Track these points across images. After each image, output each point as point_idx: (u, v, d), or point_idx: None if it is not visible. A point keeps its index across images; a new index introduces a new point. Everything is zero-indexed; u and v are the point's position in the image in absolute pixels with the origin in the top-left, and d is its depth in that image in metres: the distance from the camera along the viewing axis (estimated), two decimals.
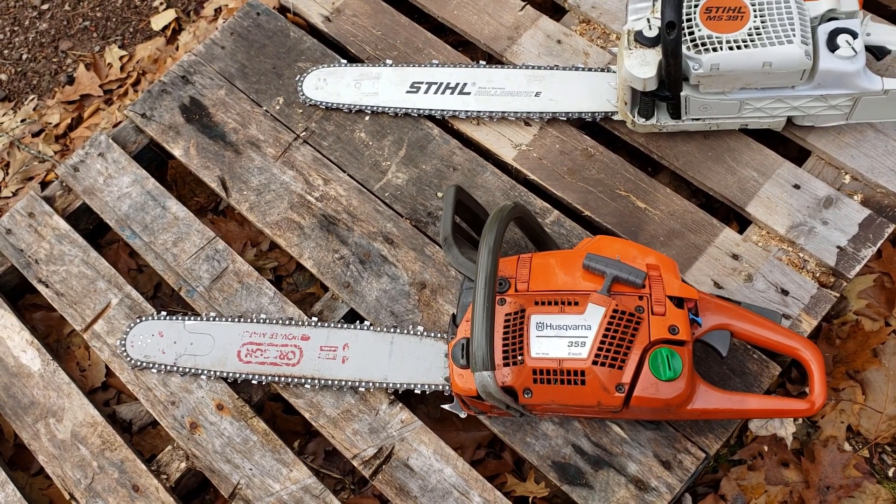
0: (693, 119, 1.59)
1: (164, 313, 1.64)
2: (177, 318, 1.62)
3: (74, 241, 1.76)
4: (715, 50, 1.43)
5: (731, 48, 1.42)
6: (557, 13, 1.92)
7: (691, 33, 1.44)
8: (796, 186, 1.59)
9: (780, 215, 1.57)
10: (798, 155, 1.67)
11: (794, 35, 1.41)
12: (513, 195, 1.68)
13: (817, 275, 1.52)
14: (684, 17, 1.45)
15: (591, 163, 1.68)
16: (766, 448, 1.52)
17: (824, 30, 1.45)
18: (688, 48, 1.44)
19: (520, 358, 1.26)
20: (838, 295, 1.49)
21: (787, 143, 1.68)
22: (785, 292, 1.51)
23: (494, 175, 1.71)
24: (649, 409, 1.27)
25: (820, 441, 1.53)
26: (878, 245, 1.52)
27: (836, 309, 1.63)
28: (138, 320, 1.63)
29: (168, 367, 1.59)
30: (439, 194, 1.70)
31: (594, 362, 1.23)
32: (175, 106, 1.88)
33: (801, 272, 1.52)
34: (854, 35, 1.44)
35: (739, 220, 1.68)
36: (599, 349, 1.23)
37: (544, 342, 1.25)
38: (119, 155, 1.84)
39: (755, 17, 1.43)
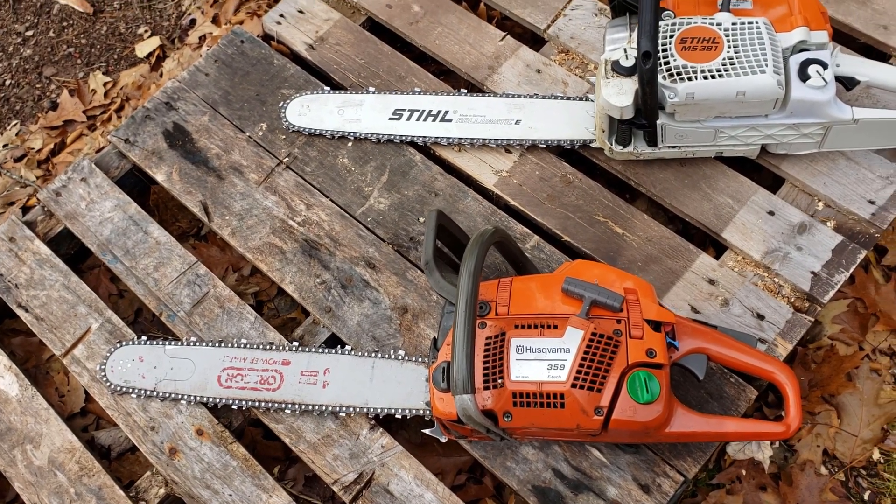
0: (669, 147, 1.62)
1: (144, 338, 1.63)
2: (157, 343, 1.62)
3: (55, 266, 1.76)
4: (690, 79, 1.46)
5: (705, 78, 1.46)
6: (537, 43, 1.96)
7: (667, 63, 1.48)
8: (771, 213, 1.63)
9: (755, 241, 1.60)
10: (773, 182, 1.71)
11: (766, 65, 1.44)
12: (493, 221, 1.70)
13: (792, 300, 1.55)
14: (660, 48, 1.49)
15: (570, 189, 1.71)
16: (744, 472, 1.53)
17: (796, 60, 1.49)
18: (663, 77, 1.47)
19: (500, 381, 1.27)
20: (813, 320, 1.52)
21: (761, 170, 1.72)
22: (761, 317, 1.53)
23: (475, 201, 1.73)
24: (628, 432, 1.28)
25: (797, 465, 1.54)
26: (851, 270, 1.55)
27: (811, 333, 1.66)
28: (118, 345, 1.63)
29: (148, 392, 1.58)
30: (421, 219, 1.72)
31: (573, 385, 1.24)
32: (158, 132, 1.89)
33: (776, 297, 1.55)
34: (824, 66, 1.48)
35: (716, 246, 1.70)
36: (578, 372, 1.24)
37: (524, 365, 1.27)
38: (101, 180, 1.85)
39: (729, 47, 1.47)
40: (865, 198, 1.61)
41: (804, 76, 1.48)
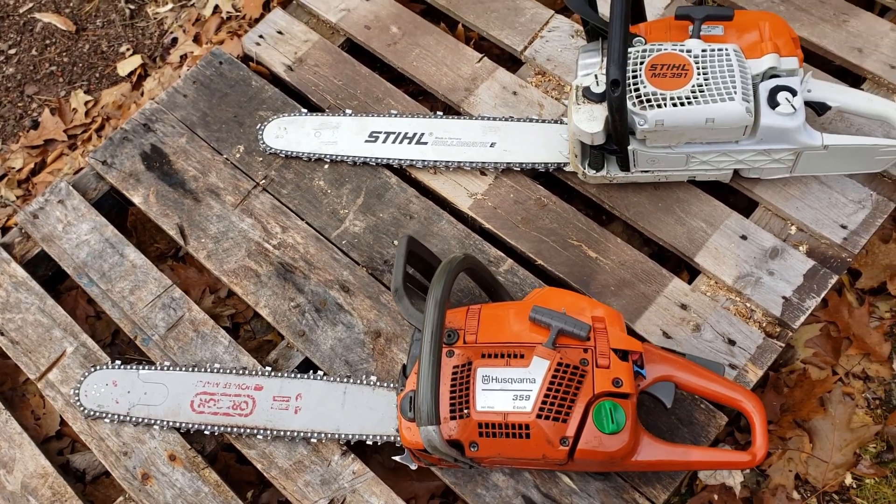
0: (642, 171, 1.63)
1: (118, 362, 1.63)
2: (131, 368, 1.62)
3: (31, 289, 1.76)
4: (659, 106, 1.47)
5: (674, 105, 1.46)
6: (515, 64, 1.96)
7: (637, 90, 1.48)
8: (743, 237, 1.63)
9: (727, 266, 1.60)
10: (748, 205, 1.71)
11: (735, 92, 1.45)
12: (468, 244, 1.70)
13: (763, 325, 1.55)
14: (630, 74, 1.49)
15: (544, 212, 1.71)
16: (715, 497, 1.53)
17: (765, 87, 1.49)
18: (633, 104, 1.48)
19: (466, 411, 1.27)
20: (783, 345, 1.52)
21: (737, 193, 1.72)
22: (732, 342, 1.53)
23: (450, 224, 1.73)
24: (593, 462, 1.28)
25: (769, 489, 1.54)
26: (822, 296, 1.55)
27: (784, 357, 1.66)
28: (93, 369, 1.63)
29: (121, 417, 1.58)
30: (395, 242, 1.72)
31: (538, 416, 1.24)
32: (136, 153, 1.90)
33: (747, 322, 1.55)
34: (793, 93, 1.48)
35: (690, 270, 1.70)
36: (544, 403, 1.25)
37: (489, 395, 1.27)
38: (79, 202, 1.85)
39: (698, 74, 1.47)
40: (838, 222, 1.62)
41: (773, 103, 1.48)
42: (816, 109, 1.56)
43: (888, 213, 1.62)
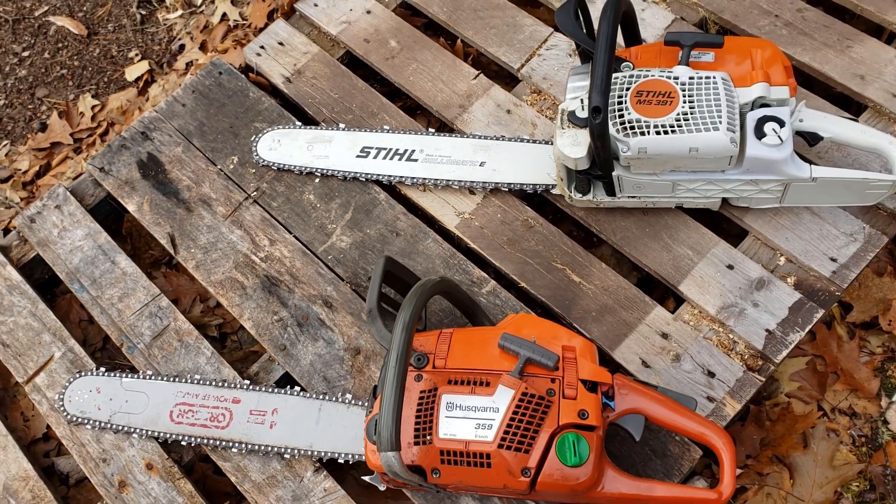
0: (629, 196, 1.61)
1: (102, 369, 1.66)
2: (114, 375, 1.64)
3: (24, 293, 1.79)
4: (643, 134, 1.45)
5: (658, 133, 1.44)
6: (511, 82, 1.95)
7: (621, 116, 1.46)
8: (730, 267, 1.60)
9: (712, 295, 1.58)
10: (740, 233, 1.68)
11: (720, 122, 1.42)
12: (452, 263, 1.69)
13: (745, 357, 1.52)
14: (616, 100, 1.47)
15: (530, 234, 1.70)
16: None
17: (753, 117, 1.47)
18: (617, 131, 1.46)
19: (428, 438, 1.26)
20: (763, 379, 1.49)
21: (730, 220, 1.69)
22: (711, 374, 1.51)
23: (436, 242, 1.72)
24: (555, 494, 1.27)
25: None
26: (807, 330, 1.52)
27: (768, 390, 1.63)
28: (78, 375, 1.66)
29: (102, 424, 1.61)
30: None
31: (500, 446, 1.23)
32: (133, 161, 1.92)
33: (729, 354, 1.53)
34: (781, 123, 1.45)
35: (677, 299, 1.68)
36: (506, 433, 1.24)
37: (452, 423, 1.26)
38: (75, 208, 1.88)
39: (684, 102, 1.45)
40: (827, 255, 1.58)
41: (760, 133, 1.45)
42: (808, 140, 1.53)
43: (881, 246, 1.58)
